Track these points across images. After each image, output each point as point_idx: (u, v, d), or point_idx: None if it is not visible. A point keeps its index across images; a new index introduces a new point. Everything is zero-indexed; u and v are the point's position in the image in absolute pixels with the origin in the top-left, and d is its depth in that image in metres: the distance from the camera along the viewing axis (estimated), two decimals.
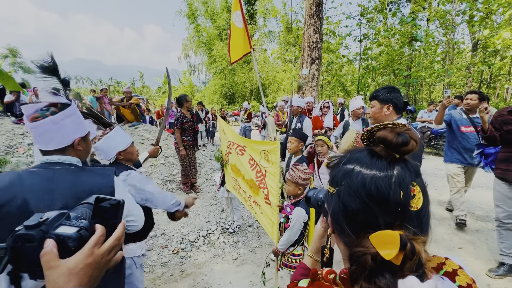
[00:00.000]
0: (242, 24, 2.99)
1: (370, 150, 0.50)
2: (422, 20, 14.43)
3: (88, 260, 0.52)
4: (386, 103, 1.72)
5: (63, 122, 0.98)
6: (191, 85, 25.29)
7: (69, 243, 0.51)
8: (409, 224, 0.43)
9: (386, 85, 1.80)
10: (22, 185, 0.91)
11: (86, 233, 0.54)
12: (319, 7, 9.41)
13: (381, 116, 1.75)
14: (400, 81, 12.46)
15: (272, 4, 22.17)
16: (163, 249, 3.07)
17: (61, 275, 0.49)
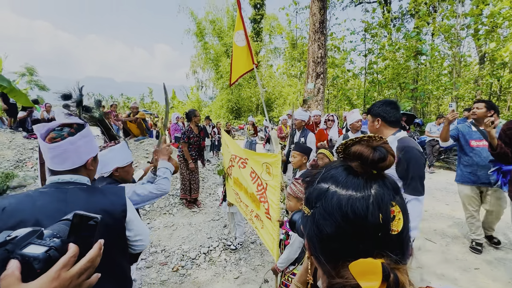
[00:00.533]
0: (245, 43, 3.07)
1: (346, 166, 0.46)
2: (426, 34, 14.53)
3: (53, 285, 0.47)
4: (375, 117, 1.77)
5: (80, 143, 0.99)
6: (199, 100, 25.79)
7: (34, 264, 0.47)
8: (390, 250, 0.38)
9: (382, 99, 1.83)
10: (33, 206, 0.90)
11: (55, 253, 0.49)
12: (323, 24, 9.62)
13: (373, 130, 1.79)
14: (407, 94, 12.37)
15: (277, 22, 22.83)
16: (163, 266, 2.98)
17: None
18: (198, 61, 24.35)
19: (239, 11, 3.10)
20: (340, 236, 0.40)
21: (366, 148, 0.43)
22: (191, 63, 25.17)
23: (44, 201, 0.91)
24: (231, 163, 2.84)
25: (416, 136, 8.20)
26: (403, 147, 1.65)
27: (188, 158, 4.22)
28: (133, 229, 1.08)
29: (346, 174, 0.44)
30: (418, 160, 1.64)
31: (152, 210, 4.09)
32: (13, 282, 0.44)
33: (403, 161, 1.61)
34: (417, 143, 1.74)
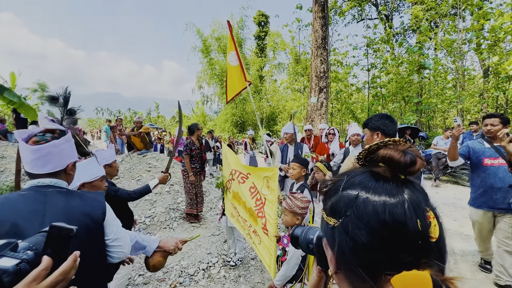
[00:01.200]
0: (237, 62, 3.24)
1: (372, 171, 0.44)
2: (429, 49, 14.67)
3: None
4: (375, 131, 1.77)
5: (63, 147, 1.01)
6: (204, 115, 26.15)
7: (3, 277, 0.46)
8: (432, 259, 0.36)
9: (379, 113, 1.87)
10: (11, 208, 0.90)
11: (26, 266, 0.49)
12: (325, 40, 9.84)
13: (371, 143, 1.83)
14: (411, 108, 12.34)
15: (281, 38, 23.42)
16: (160, 282, 2.92)
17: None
18: (204, 77, 24.93)
19: (230, 33, 3.30)
20: (378, 245, 0.37)
21: (396, 152, 0.42)
22: (197, 78, 25.79)
23: (23, 203, 0.91)
24: (231, 177, 2.84)
25: (421, 149, 8.09)
26: None
27: (189, 170, 4.22)
28: (112, 231, 1.06)
29: (375, 179, 0.42)
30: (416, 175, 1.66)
31: (153, 224, 4.06)
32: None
33: None
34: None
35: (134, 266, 3.17)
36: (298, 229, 0.74)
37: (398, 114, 14.01)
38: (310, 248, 0.67)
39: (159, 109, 33.68)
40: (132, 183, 4.98)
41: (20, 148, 0.97)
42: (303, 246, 0.70)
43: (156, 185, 2.30)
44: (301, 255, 1.80)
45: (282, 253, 1.88)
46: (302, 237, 0.70)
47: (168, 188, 4.90)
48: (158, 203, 4.50)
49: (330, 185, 0.49)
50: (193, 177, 4.21)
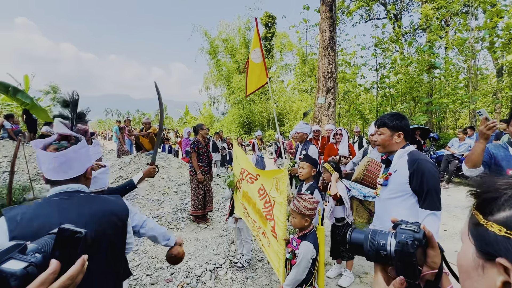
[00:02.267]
0: (261, 59, 3.31)
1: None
2: (440, 48, 14.37)
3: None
4: (397, 131, 1.71)
5: (81, 151, 1.06)
6: (211, 116, 26.30)
7: (11, 281, 0.45)
8: None
9: (393, 112, 1.79)
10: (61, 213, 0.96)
11: (34, 270, 0.48)
12: (332, 40, 9.75)
13: (391, 144, 1.74)
14: (421, 108, 12.09)
15: (288, 39, 23.36)
16: (168, 283, 2.92)
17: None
18: (211, 78, 25.08)
19: (257, 30, 3.33)
20: None
21: None
22: (204, 79, 25.97)
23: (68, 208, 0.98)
24: (241, 176, 2.83)
25: (432, 150, 7.90)
26: (415, 160, 1.62)
27: (196, 168, 4.22)
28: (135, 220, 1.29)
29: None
30: (432, 172, 1.58)
31: (160, 224, 4.08)
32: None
33: (417, 174, 1.58)
34: (427, 156, 1.72)
35: (141, 267, 3.18)
36: (357, 233, 0.65)
37: (408, 114, 13.76)
38: (383, 256, 0.59)
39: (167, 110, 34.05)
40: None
41: (40, 156, 1.00)
42: (370, 254, 0.61)
43: (141, 179, 2.08)
44: (311, 258, 1.76)
45: (292, 256, 1.85)
46: (369, 243, 0.61)
47: (175, 189, 4.92)
48: (166, 203, 4.52)
49: (503, 189, 0.42)
50: (201, 175, 4.21)
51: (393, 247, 0.58)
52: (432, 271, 0.60)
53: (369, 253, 0.61)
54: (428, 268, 0.60)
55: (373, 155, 3.52)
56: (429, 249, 0.61)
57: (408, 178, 1.61)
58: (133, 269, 3.15)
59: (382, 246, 0.59)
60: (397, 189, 1.67)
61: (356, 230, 0.66)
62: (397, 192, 1.67)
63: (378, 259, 0.61)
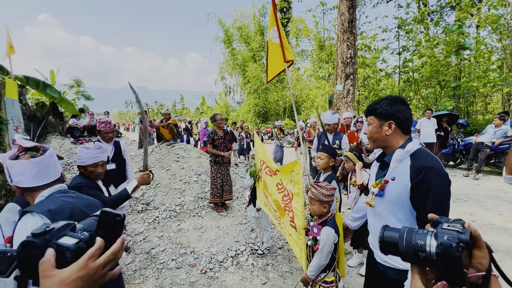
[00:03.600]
0: (278, 40, 2.97)
1: None
2: (470, 27, 13.29)
3: (81, 273, 0.52)
4: (386, 119, 1.30)
5: (54, 157, 1.17)
6: (226, 105, 26.37)
7: (66, 253, 0.52)
8: None
9: (388, 96, 1.38)
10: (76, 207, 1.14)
11: (84, 245, 0.55)
12: (352, 23, 9.29)
13: (381, 137, 1.34)
14: (448, 93, 11.38)
15: (304, 24, 22.58)
16: (192, 267, 3.05)
17: (53, 284, 0.50)
18: (226, 67, 24.96)
19: (274, 7, 2.98)
20: None
21: None
22: (219, 69, 25.91)
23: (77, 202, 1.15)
24: (260, 167, 2.85)
25: (460, 138, 7.47)
26: (421, 167, 1.20)
27: (217, 153, 4.27)
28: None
29: None
30: (443, 187, 1.18)
31: (182, 212, 4.23)
32: (48, 267, 0.50)
33: (422, 188, 1.19)
34: (439, 160, 1.25)
35: (166, 252, 3.34)
36: (391, 232, 0.60)
37: (433, 100, 13.02)
38: (421, 258, 0.55)
39: (183, 101, 34.57)
40: (162, 172, 5.20)
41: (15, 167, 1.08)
42: (407, 255, 0.57)
43: (135, 188, 1.92)
44: (333, 242, 1.76)
45: (313, 242, 1.86)
46: (405, 243, 0.57)
47: (196, 178, 5.05)
48: (187, 192, 4.67)
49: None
50: (227, 153, 4.27)
51: (433, 249, 0.53)
52: (479, 273, 0.54)
53: (404, 253, 0.57)
54: (474, 270, 0.55)
55: None
56: (475, 250, 0.55)
57: (409, 190, 1.22)
58: (159, 253, 3.32)
59: (420, 247, 0.55)
60: (397, 202, 1.28)
61: (389, 228, 0.62)
62: (397, 205, 1.29)
63: (415, 261, 0.57)
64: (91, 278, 0.53)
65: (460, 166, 7.61)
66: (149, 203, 4.40)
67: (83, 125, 8.30)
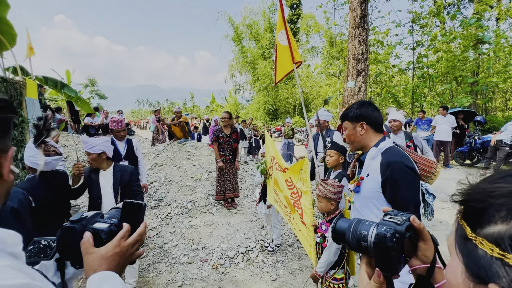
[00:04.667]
0: (287, 42, 3.07)
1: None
2: (489, 19, 12.73)
3: (116, 250, 0.62)
4: (358, 121, 1.41)
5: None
6: (236, 103, 26.45)
7: (102, 235, 0.63)
8: None
9: (357, 101, 1.48)
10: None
11: (115, 228, 0.66)
12: (364, 18, 9.07)
13: (357, 138, 1.43)
14: (465, 89, 10.98)
15: (314, 21, 22.29)
16: (203, 263, 3.12)
17: (95, 259, 0.60)
18: (236, 65, 25.01)
19: (282, 10, 3.12)
20: None
21: None
22: (229, 67, 25.99)
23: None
24: (271, 164, 2.87)
25: (477, 135, 7.22)
26: (388, 163, 1.28)
27: (216, 156, 4.35)
28: None
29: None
30: (408, 180, 1.26)
31: (194, 208, 4.30)
32: (89, 246, 0.61)
33: (390, 182, 1.27)
34: (407, 157, 1.33)
35: (179, 247, 3.42)
36: (342, 222, 0.64)
37: (449, 96, 12.61)
38: (364, 247, 0.58)
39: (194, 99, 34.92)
40: (174, 170, 5.30)
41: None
42: (352, 244, 0.61)
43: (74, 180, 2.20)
44: None
45: (322, 239, 1.87)
46: (351, 233, 0.61)
47: (207, 175, 5.12)
48: (198, 189, 4.74)
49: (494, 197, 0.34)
50: (221, 163, 4.33)
51: (372, 238, 0.57)
52: (424, 265, 0.57)
53: (350, 243, 0.61)
54: (419, 261, 0.58)
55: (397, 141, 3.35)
56: (420, 242, 0.58)
57: (381, 186, 1.31)
58: (171, 248, 3.40)
59: (363, 237, 0.58)
60: (372, 197, 1.36)
61: (343, 218, 0.66)
62: (372, 200, 1.37)
63: (359, 250, 0.60)
64: (124, 255, 0.64)
65: (477, 165, 7.36)
66: (162, 200, 4.51)
67: (97, 123, 8.56)
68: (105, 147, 2.28)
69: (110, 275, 0.59)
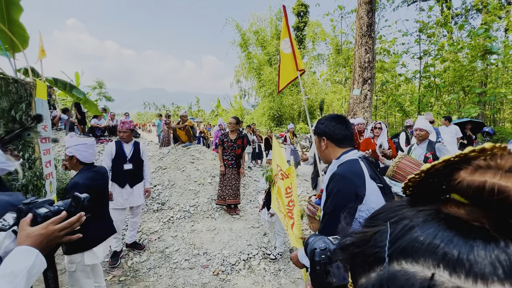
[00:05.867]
0: (290, 50, 3.09)
1: (445, 216, 0.25)
2: (498, 30, 12.66)
3: (42, 231, 0.77)
4: (320, 136, 1.43)
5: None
6: (241, 108, 26.60)
7: (38, 218, 0.79)
8: None
9: (327, 115, 1.49)
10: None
11: (50, 214, 0.81)
12: (370, 27, 9.12)
13: (322, 152, 1.45)
14: (472, 99, 10.87)
15: (321, 28, 22.45)
16: (204, 268, 3.08)
17: (23, 235, 0.76)
18: (242, 71, 25.23)
19: (286, 19, 3.16)
20: None
21: (499, 177, 0.22)
22: (235, 72, 26.22)
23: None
24: (277, 171, 2.84)
25: None
26: (332, 174, 1.26)
27: (220, 160, 4.36)
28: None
29: (462, 235, 0.22)
30: (341, 193, 1.18)
31: (196, 213, 4.28)
32: (25, 225, 0.78)
33: (328, 193, 1.24)
34: (359, 171, 1.24)
35: (180, 252, 3.39)
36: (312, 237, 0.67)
37: (456, 106, 12.49)
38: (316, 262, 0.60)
39: (199, 103, 35.21)
40: (178, 173, 5.31)
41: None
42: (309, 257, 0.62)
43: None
44: None
45: None
46: (309, 248, 0.62)
47: (210, 180, 5.11)
48: (201, 193, 4.73)
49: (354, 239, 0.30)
50: (222, 168, 4.32)
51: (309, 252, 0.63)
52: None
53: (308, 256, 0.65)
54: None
55: (417, 152, 3.26)
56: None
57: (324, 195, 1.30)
58: (172, 253, 3.38)
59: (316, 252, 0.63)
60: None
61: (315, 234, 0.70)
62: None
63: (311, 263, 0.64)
64: (49, 237, 0.78)
65: None
66: (164, 203, 4.50)
67: (104, 125, 8.65)
68: (76, 151, 2.14)
69: (28, 249, 0.73)
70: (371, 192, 1.19)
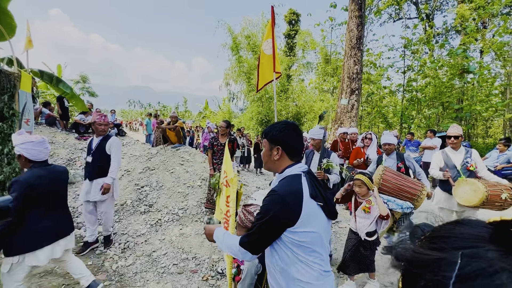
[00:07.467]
0: (271, 51, 3.13)
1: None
2: (475, 51, 13.55)
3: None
4: (275, 144, 1.30)
5: None
6: (230, 111, 26.49)
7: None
8: None
9: (283, 121, 1.36)
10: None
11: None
12: (360, 40, 9.48)
13: (270, 160, 1.33)
14: (450, 114, 11.53)
15: (311, 38, 22.97)
16: (193, 274, 3.02)
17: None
18: (231, 74, 25.18)
19: (272, 20, 3.18)
20: None
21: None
22: (224, 75, 26.11)
23: None
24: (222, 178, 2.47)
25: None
26: (272, 190, 1.21)
27: (209, 164, 4.37)
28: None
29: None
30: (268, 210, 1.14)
31: (185, 216, 4.20)
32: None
33: (262, 208, 1.21)
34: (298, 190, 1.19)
35: (168, 256, 3.31)
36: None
37: (435, 120, 13.15)
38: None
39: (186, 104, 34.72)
40: (166, 175, 5.19)
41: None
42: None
43: None
44: (256, 273, 1.65)
45: (237, 271, 1.77)
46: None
47: (199, 182, 5.04)
48: (190, 196, 4.65)
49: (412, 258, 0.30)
50: (212, 171, 4.32)
51: None
52: None
53: None
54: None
55: (388, 163, 3.41)
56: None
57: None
58: (160, 257, 3.29)
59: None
60: None
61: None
62: None
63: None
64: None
65: None
66: (152, 205, 4.38)
67: (88, 121, 8.30)
68: (24, 150, 2.07)
69: None
70: (309, 212, 1.14)
